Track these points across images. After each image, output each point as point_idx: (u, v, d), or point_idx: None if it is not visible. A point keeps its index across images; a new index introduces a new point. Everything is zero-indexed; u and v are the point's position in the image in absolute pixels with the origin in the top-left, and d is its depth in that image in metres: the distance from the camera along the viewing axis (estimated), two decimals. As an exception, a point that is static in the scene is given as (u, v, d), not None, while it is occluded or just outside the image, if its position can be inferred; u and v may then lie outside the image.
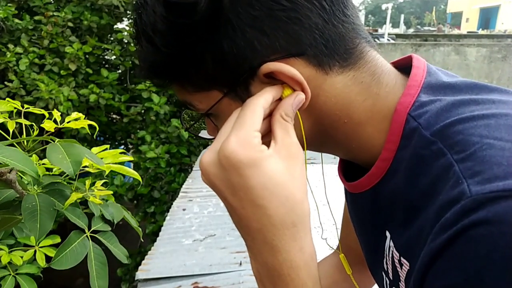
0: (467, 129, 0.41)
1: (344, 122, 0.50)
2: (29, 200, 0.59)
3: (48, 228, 0.58)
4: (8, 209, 0.62)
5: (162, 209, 6.03)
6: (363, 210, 0.59)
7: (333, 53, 0.47)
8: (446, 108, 0.45)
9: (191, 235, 3.51)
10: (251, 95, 0.47)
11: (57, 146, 0.56)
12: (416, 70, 0.50)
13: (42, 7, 6.27)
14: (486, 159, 0.38)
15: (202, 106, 0.51)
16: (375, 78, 0.50)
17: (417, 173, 0.44)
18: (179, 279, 2.97)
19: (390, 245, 0.51)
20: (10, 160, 0.50)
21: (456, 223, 0.36)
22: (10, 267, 0.76)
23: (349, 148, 0.53)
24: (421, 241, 0.41)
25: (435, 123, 0.44)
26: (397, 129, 0.48)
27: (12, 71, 5.65)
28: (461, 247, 0.36)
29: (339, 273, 0.82)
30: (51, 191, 0.63)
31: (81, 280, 6.83)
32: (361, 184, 0.54)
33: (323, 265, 0.86)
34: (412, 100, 0.48)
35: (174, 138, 6.34)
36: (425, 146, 0.44)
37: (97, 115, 6.41)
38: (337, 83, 0.48)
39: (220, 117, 0.51)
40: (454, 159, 0.40)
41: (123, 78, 7.16)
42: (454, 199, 0.38)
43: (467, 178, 0.38)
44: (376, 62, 0.50)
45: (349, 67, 0.48)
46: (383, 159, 0.49)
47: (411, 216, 0.45)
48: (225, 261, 3.09)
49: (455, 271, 0.36)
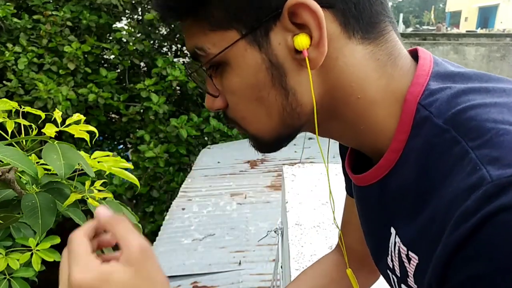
0: (480, 115, 0.40)
1: (357, 98, 0.48)
2: (29, 198, 0.59)
3: (50, 223, 0.58)
4: (7, 208, 0.62)
5: (161, 208, 6.03)
6: (370, 204, 0.57)
7: (359, 18, 0.46)
8: (457, 95, 0.44)
9: (190, 235, 3.52)
10: (269, 44, 0.45)
11: (54, 147, 0.56)
12: (423, 61, 0.49)
13: (41, 6, 6.26)
14: (505, 145, 0.37)
15: (215, 50, 0.47)
16: (391, 58, 0.48)
17: (429, 163, 0.43)
18: (178, 279, 2.97)
19: (396, 241, 0.50)
20: (10, 159, 0.50)
21: (479, 210, 0.35)
22: (6, 270, 0.76)
23: (357, 130, 0.51)
24: (431, 232, 0.40)
25: (447, 110, 0.43)
26: (407, 119, 0.46)
27: (11, 70, 5.64)
28: (487, 234, 0.34)
29: (337, 272, 0.82)
30: (50, 190, 0.63)
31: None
32: (369, 176, 0.53)
33: (321, 263, 0.86)
34: (421, 89, 0.46)
35: (173, 137, 6.34)
36: (438, 134, 0.42)
37: (96, 114, 6.40)
38: (357, 52, 0.47)
39: (230, 65, 0.48)
40: (469, 146, 0.39)
41: (122, 77, 7.16)
42: (473, 186, 0.36)
43: (485, 164, 0.37)
44: (395, 44, 0.49)
45: (369, 40, 0.47)
46: (393, 150, 0.48)
47: (419, 208, 0.43)
48: (224, 261, 3.09)
49: (482, 260, 0.34)
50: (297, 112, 0.49)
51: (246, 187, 4.42)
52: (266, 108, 0.49)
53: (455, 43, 8.38)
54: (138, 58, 6.91)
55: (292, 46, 0.46)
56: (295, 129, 0.51)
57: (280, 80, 0.47)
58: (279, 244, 2.10)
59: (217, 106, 0.52)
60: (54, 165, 0.54)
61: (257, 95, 0.48)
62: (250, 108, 0.50)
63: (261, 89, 0.48)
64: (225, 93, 0.50)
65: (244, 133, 0.54)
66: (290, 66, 0.46)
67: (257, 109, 0.49)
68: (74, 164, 0.57)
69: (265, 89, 0.47)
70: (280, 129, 0.50)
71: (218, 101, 0.52)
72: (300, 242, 1.54)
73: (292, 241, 1.54)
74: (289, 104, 0.48)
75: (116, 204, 0.72)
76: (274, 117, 0.49)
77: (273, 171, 4.89)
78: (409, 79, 0.48)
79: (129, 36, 6.63)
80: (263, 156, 5.52)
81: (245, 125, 0.52)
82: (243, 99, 0.49)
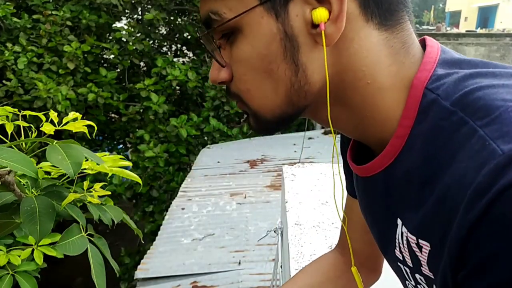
0: (489, 95, 0.39)
1: (366, 83, 0.47)
2: (28, 202, 0.59)
3: (48, 229, 0.58)
4: (7, 212, 0.62)
5: (161, 208, 6.03)
6: (374, 195, 0.56)
7: (380, 3, 0.46)
8: (464, 78, 0.43)
9: (190, 234, 3.52)
10: (287, 14, 0.44)
11: (56, 148, 0.56)
12: (431, 49, 0.49)
13: (40, 6, 6.25)
14: None
15: (230, 15, 0.45)
16: (404, 47, 0.48)
17: (436, 146, 0.42)
18: (178, 278, 2.97)
19: (403, 231, 0.48)
20: (9, 161, 0.50)
21: (493, 185, 0.33)
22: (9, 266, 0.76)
23: (362, 117, 0.50)
24: (441, 216, 0.39)
25: (454, 92, 0.42)
26: (413, 104, 0.46)
27: (10, 69, 5.64)
28: (504, 208, 0.33)
29: (334, 271, 0.82)
30: (49, 193, 0.63)
31: (80, 279, 6.83)
32: (373, 166, 0.51)
33: (319, 262, 0.86)
34: (428, 75, 0.46)
35: (172, 137, 6.34)
36: (445, 117, 0.42)
37: (95, 114, 6.40)
38: (373, 37, 0.46)
39: (243, 33, 0.46)
40: (477, 125, 0.38)
41: (122, 77, 7.16)
42: (483, 161, 0.35)
43: (495, 139, 0.35)
44: (410, 33, 0.49)
45: (385, 27, 0.47)
46: (398, 136, 0.47)
47: (426, 193, 0.42)
48: (224, 260, 3.10)
49: (501, 235, 0.33)
50: (305, 90, 0.48)
51: (246, 186, 4.42)
52: (274, 82, 0.48)
53: (454, 43, 8.38)
54: (138, 57, 6.91)
55: (309, 20, 0.45)
56: (299, 109, 0.50)
57: (292, 53, 0.46)
58: (279, 244, 2.10)
59: (221, 78, 0.50)
60: (61, 166, 0.54)
61: (267, 67, 0.47)
62: (257, 80, 0.48)
63: (271, 61, 0.46)
64: (233, 63, 0.49)
65: (244, 109, 0.52)
66: (304, 41, 0.46)
67: (264, 82, 0.48)
68: (81, 161, 0.57)
69: (275, 62, 0.46)
70: (284, 106, 0.49)
71: (223, 73, 0.50)
72: (300, 242, 1.54)
73: (291, 241, 1.54)
74: (298, 81, 0.47)
75: (116, 209, 0.71)
76: (280, 93, 0.48)
77: (273, 171, 4.89)
78: (418, 67, 0.48)
79: (128, 36, 6.63)
80: (263, 156, 5.53)
81: (249, 98, 0.50)
82: (251, 69, 0.48)
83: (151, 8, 6.95)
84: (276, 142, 6.00)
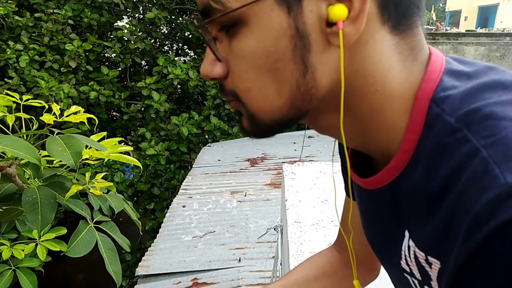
0: (496, 113, 0.37)
1: (376, 90, 0.44)
2: (29, 193, 0.59)
3: (50, 219, 0.58)
4: (9, 202, 0.63)
5: (162, 205, 6.05)
6: (379, 207, 0.53)
7: (398, 5, 0.42)
8: (471, 92, 0.41)
9: (191, 232, 3.52)
10: (300, 8, 0.40)
11: (56, 139, 0.56)
12: (435, 57, 0.47)
13: (42, 5, 6.26)
14: None
15: (235, 4, 0.40)
16: (413, 53, 0.45)
17: (438, 163, 0.40)
18: (178, 275, 2.98)
19: (410, 244, 0.47)
20: (11, 148, 0.50)
21: (492, 218, 0.32)
22: (12, 261, 0.77)
23: (366, 127, 0.47)
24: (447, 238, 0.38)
25: (459, 108, 0.40)
26: (419, 118, 0.43)
27: (12, 68, 5.66)
28: (503, 246, 0.31)
29: (330, 267, 0.82)
30: (51, 184, 0.63)
31: (81, 276, 6.85)
32: (379, 179, 0.49)
33: (316, 257, 0.86)
34: (434, 86, 0.43)
35: (174, 135, 6.35)
36: (449, 133, 0.39)
37: (97, 112, 6.41)
38: (386, 40, 0.43)
39: (248, 25, 0.41)
40: (481, 144, 0.36)
41: (123, 75, 7.17)
42: (484, 187, 0.33)
43: (499, 164, 0.33)
44: (420, 39, 0.46)
45: (397, 31, 0.43)
46: (404, 150, 0.44)
47: (433, 210, 0.41)
48: (224, 258, 3.10)
49: (496, 271, 0.32)
50: (311, 94, 0.44)
51: (246, 185, 4.43)
52: (278, 83, 0.43)
53: (454, 43, 8.36)
54: (139, 56, 6.92)
55: (324, 17, 0.40)
56: (300, 113, 0.46)
57: (302, 53, 0.41)
58: (279, 242, 2.10)
59: (215, 73, 0.45)
60: (61, 157, 0.54)
61: (272, 66, 0.42)
62: (259, 79, 0.43)
63: (278, 59, 0.42)
64: (233, 59, 0.44)
65: (239, 109, 0.47)
66: (316, 40, 0.41)
67: (267, 82, 0.43)
68: (81, 151, 0.56)
69: (283, 60, 0.42)
70: (285, 110, 0.45)
71: (218, 68, 0.45)
72: (300, 240, 1.54)
73: (291, 239, 1.55)
74: (305, 83, 0.43)
75: (119, 198, 0.72)
76: (284, 95, 0.44)
77: (273, 169, 4.90)
78: (423, 75, 0.45)
79: (130, 34, 6.64)
80: (263, 154, 5.53)
81: (248, 98, 0.45)
82: (254, 67, 0.43)
83: (152, 7, 6.96)
84: (277, 141, 6.00)
